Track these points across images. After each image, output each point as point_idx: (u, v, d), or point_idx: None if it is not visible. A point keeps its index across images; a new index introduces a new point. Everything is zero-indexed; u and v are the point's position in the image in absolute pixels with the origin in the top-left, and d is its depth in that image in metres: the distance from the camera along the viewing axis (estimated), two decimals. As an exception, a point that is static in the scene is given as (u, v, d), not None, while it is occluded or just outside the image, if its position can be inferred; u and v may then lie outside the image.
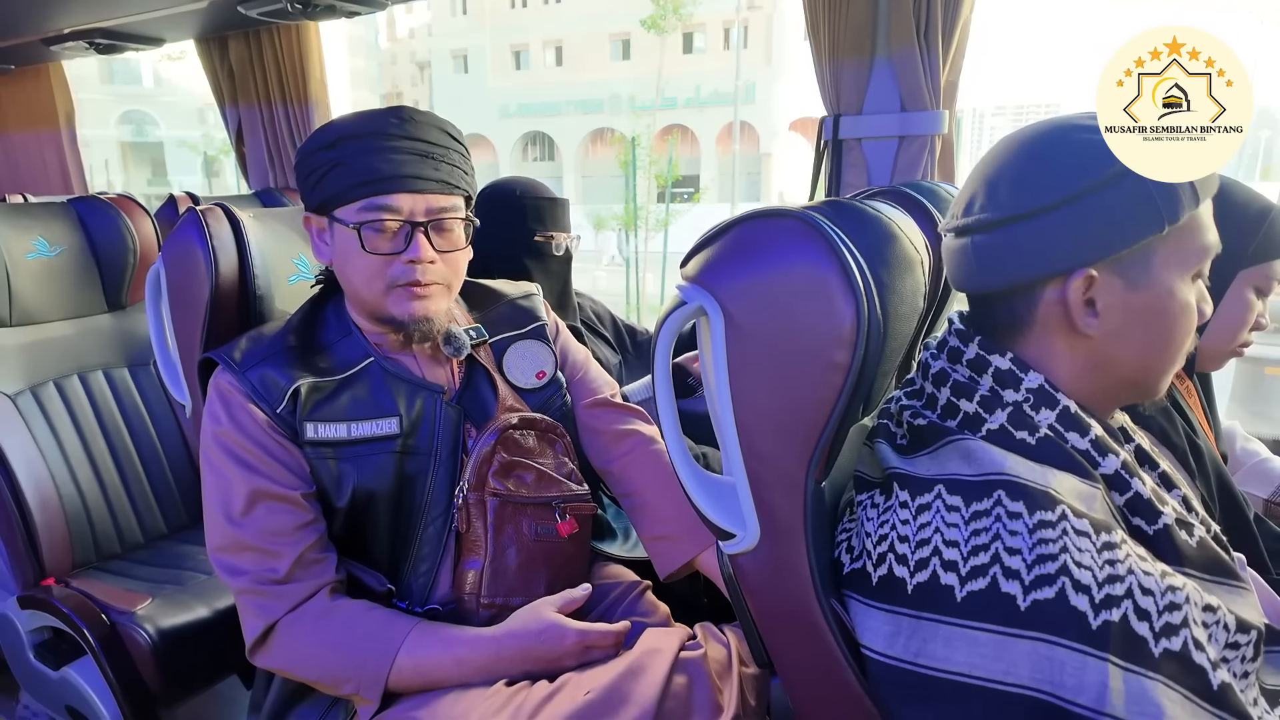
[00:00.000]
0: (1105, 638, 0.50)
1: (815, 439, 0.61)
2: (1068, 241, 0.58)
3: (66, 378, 1.57)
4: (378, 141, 0.86)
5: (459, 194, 0.92)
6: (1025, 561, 0.52)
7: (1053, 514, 0.54)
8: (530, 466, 0.97)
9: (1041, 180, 0.59)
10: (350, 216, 0.87)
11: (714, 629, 0.93)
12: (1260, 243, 0.95)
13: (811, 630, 0.63)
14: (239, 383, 0.89)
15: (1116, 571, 0.52)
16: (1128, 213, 0.57)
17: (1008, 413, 0.61)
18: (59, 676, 1.34)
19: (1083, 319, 0.60)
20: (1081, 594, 0.51)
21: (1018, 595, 0.51)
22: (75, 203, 1.67)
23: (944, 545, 0.55)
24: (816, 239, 0.60)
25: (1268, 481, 1.17)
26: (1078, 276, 0.59)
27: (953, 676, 0.53)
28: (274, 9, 1.94)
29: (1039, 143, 0.61)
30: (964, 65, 1.40)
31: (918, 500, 0.59)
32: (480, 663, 0.84)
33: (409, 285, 0.89)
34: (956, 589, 0.54)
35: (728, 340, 0.62)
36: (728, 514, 0.66)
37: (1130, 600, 0.51)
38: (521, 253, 1.42)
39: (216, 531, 0.88)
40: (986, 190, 0.62)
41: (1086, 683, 0.49)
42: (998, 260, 0.61)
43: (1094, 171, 0.57)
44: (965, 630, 0.53)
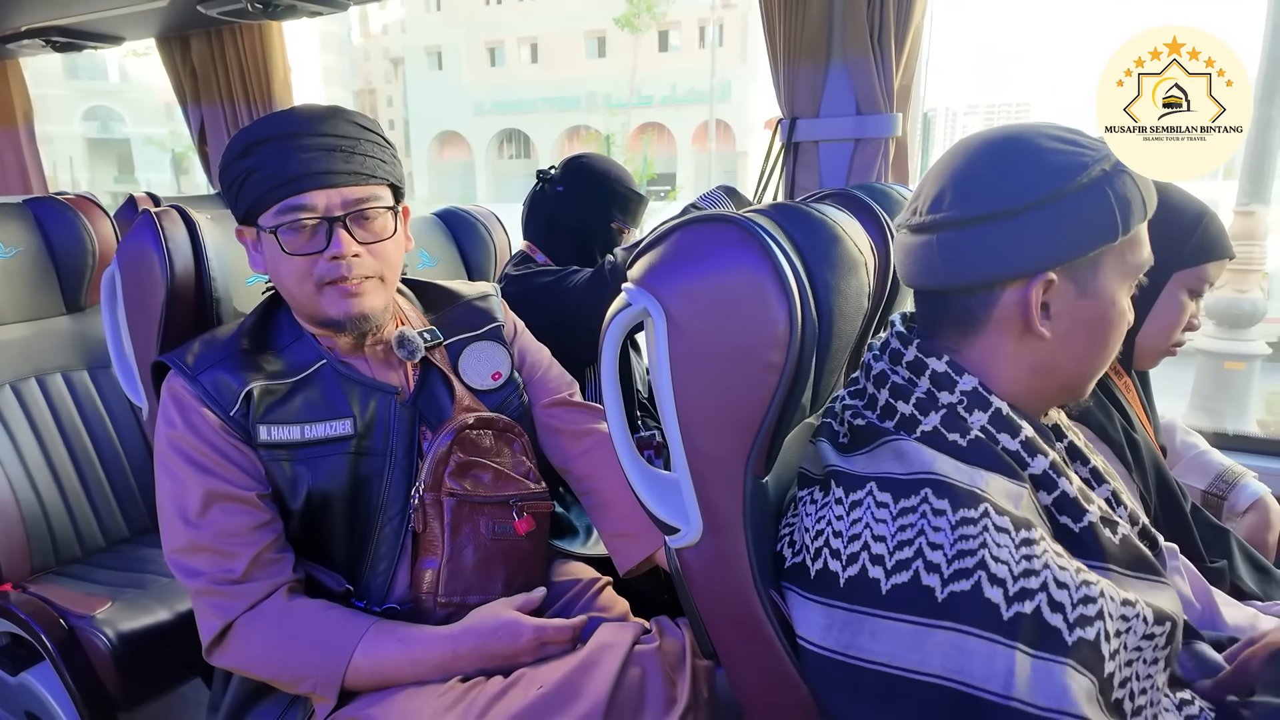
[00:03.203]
0: (1016, 628, 0.52)
1: (753, 436, 0.63)
2: (1034, 244, 0.60)
3: (23, 381, 1.55)
4: (285, 143, 0.86)
5: (378, 183, 0.91)
6: (946, 556, 0.55)
7: (975, 511, 0.56)
8: (487, 466, 0.98)
9: (1012, 183, 0.61)
10: (269, 221, 0.88)
11: (669, 623, 0.95)
12: (1193, 246, 0.98)
13: (752, 621, 0.65)
14: (191, 386, 0.89)
15: (1033, 566, 0.54)
16: (1090, 221, 0.60)
17: (941, 415, 0.64)
18: (16, 682, 1.33)
19: (1039, 322, 0.62)
20: (997, 587, 0.53)
21: (936, 588, 0.54)
22: (31, 203, 1.65)
23: (873, 540, 0.58)
24: (752, 244, 0.62)
25: (1205, 473, 1.21)
26: (1040, 279, 0.61)
27: (877, 667, 0.55)
28: (234, 9, 1.93)
29: (1010, 147, 0.62)
30: (917, 69, 1.43)
31: (851, 497, 0.61)
32: (436, 660, 0.85)
33: (337, 283, 0.88)
34: (882, 582, 0.56)
35: (670, 341, 0.64)
36: (672, 509, 0.68)
37: (1045, 593, 0.53)
38: (594, 232, 1.48)
39: (172, 534, 0.88)
40: (954, 189, 0.63)
41: (995, 670, 0.52)
42: (963, 258, 0.63)
43: (1063, 179, 0.60)
44: (889, 622, 0.55)
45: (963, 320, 0.66)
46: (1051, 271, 0.61)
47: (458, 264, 1.59)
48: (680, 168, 24.74)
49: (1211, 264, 0.98)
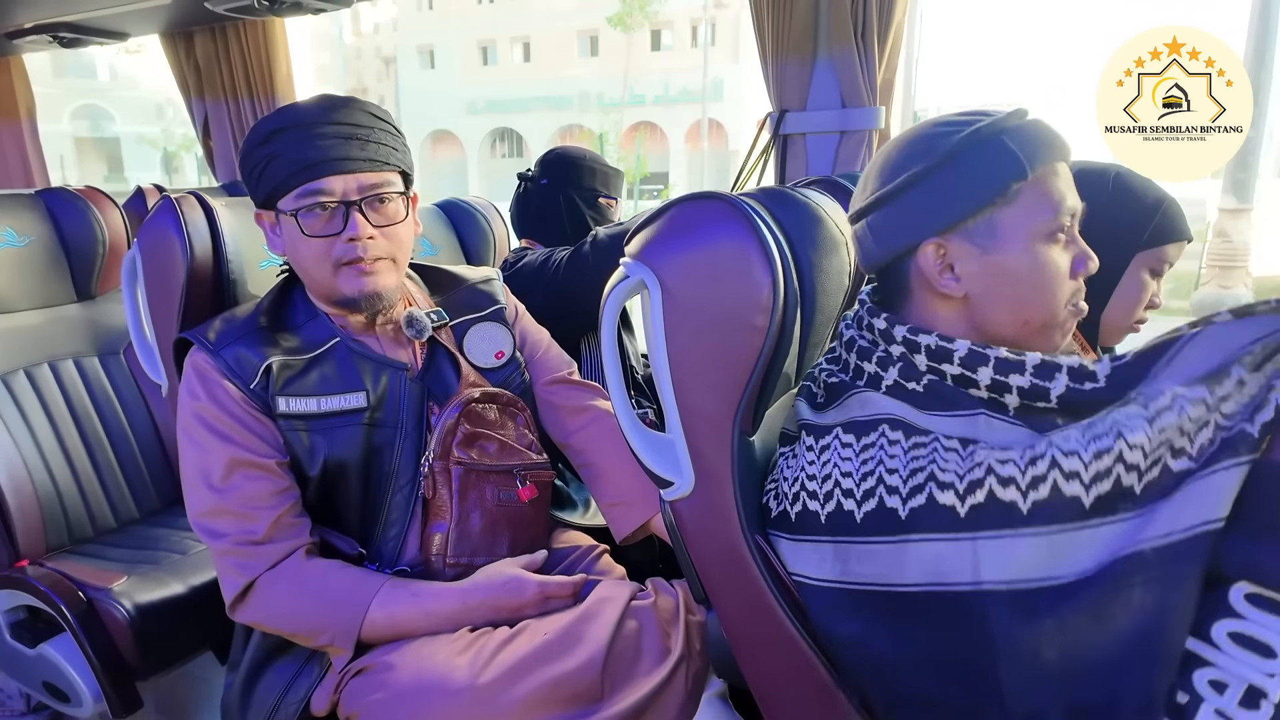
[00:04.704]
0: (976, 520, 0.58)
1: (740, 394, 0.69)
2: (916, 215, 0.69)
3: (37, 366, 1.60)
4: (305, 131, 0.91)
5: (391, 170, 0.96)
6: (902, 477, 0.61)
7: (926, 437, 0.63)
8: (492, 437, 1.04)
9: (897, 167, 0.70)
10: (289, 205, 0.93)
11: (664, 583, 1.01)
12: (1154, 229, 1.05)
13: (740, 564, 0.72)
14: (214, 360, 0.94)
15: (976, 460, 0.60)
16: (958, 189, 0.68)
17: (898, 368, 0.70)
18: (35, 654, 1.37)
19: (939, 282, 0.69)
20: (947, 490, 0.59)
21: (899, 508, 0.61)
22: (44, 194, 1.70)
23: (841, 476, 0.65)
24: (739, 218, 0.68)
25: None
26: (928, 244, 0.69)
27: (869, 587, 0.62)
28: (240, 5, 1.97)
29: (906, 136, 0.71)
30: (900, 65, 1.50)
31: (821, 442, 0.68)
32: (448, 613, 0.91)
33: (353, 263, 0.94)
34: (855, 512, 0.63)
35: (665, 309, 0.70)
36: (667, 464, 0.74)
37: (991, 476, 0.59)
38: (584, 210, 1.57)
39: (197, 499, 0.93)
40: (870, 180, 0.73)
41: (962, 564, 0.58)
42: (876, 238, 0.72)
43: (931, 155, 0.68)
44: (869, 546, 0.62)
45: (898, 290, 0.74)
46: (938, 237, 0.69)
47: (458, 252, 1.65)
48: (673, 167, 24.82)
49: (1171, 245, 1.05)
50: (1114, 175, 1.06)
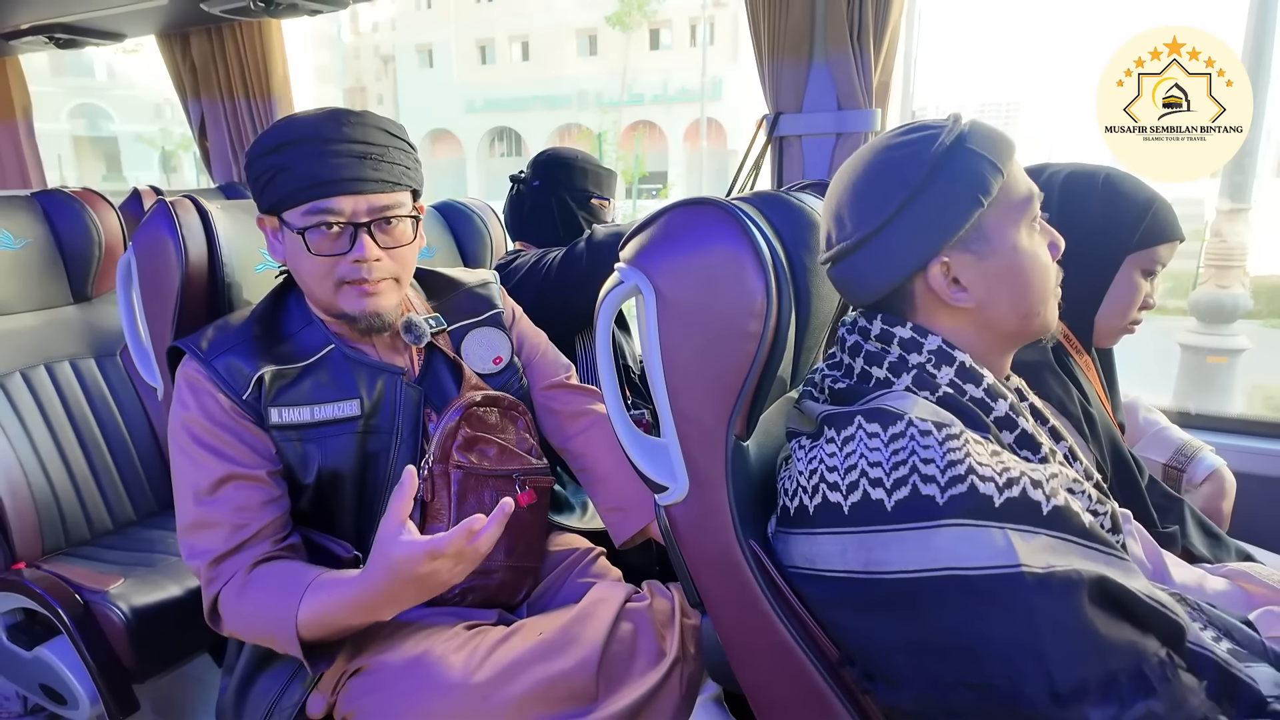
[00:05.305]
0: (1009, 512, 0.61)
1: (733, 399, 0.70)
2: (913, 241, 0.69)
3: (33, 368, 1.59)
4: (318, 146, 0.89)
5: (402, 190, 0.95)
6: (939, 467, 0.62)
7: (955, 429, 0.65)
8: (492, 441, 1.04)
9: (875, 200, 0.70)
10: (296, 220, 0.91)
11: (660, 585, 1.01)
12: (1145, 229, 1.05)
13: (734, 569, 0.72)
14: (205, 370, 0.93)
15: (1006, 464, 0.63)
16: (951, 199, 0.68)
17: (912, 375, 0.71)
18: (31, 656, 1.37)
19: (953, 297, 0.71)
20: (988, 483, 0.62)
21: (936, 495, 0.62)
22: (39, 196, 1.69)
23: (869, 466, 0.65)
24: (732, 224, 0.68)
25: (1166, 448, 1.29)
26: (934, 265, 0.70)
27: (894, 575, 0.62)
28: (237, 6, 1.97)
29: (863, 171, 0.72)
30: (896, 67, 1.50)
31: (844, 433, 0.68)
32: (371, 603, 0.83)
33: (357, 283, 0.93)
34: (886, 501, 0.63)
35: (659, 314, 0.70)
36: (662, 469, 0.74)
37: (1025, 478, 0.63)
38: (576, 211, 1.57)
39: (183, 510, 0.93)
40: (836, 223, 0.73)
41: (981, 551, 0.60)
42: (868, 274, 0.72)
43: (911, 181, 0.69)
44: (897, 533, 0.63)
45: (899, 310, 0.74)
46: (942, 254, 0.69)
47: (454, 254, 1.65)
48: (671, 166, 24.82)
49: (1163, 246, 1.05)
50: (1104, 177, 1.06)
